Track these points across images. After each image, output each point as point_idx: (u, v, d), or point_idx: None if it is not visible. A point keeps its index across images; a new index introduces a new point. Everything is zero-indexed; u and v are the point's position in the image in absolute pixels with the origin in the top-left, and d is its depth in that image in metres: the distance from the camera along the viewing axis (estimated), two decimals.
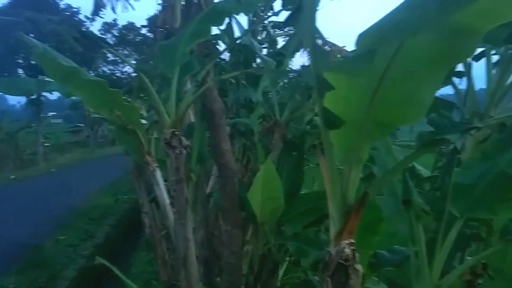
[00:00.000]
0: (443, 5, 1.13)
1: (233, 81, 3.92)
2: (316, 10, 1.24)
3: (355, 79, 1.30)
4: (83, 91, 2.95)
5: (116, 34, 33.49)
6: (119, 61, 35.82)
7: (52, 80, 3.31)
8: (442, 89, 2.70)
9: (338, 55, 4.02)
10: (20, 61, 26.79)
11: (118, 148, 32.47)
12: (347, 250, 1.57)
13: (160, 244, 5.26)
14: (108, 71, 35.47)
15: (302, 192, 3.62)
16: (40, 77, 21.85)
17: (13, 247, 8.15)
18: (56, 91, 3.32)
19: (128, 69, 36.58)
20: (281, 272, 4.37)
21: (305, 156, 3.92)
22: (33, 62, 24.76)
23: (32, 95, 17.63)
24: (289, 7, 2.46)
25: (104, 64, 35.21)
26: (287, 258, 4.28)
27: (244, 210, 3.43)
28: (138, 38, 33.08)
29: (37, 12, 23.55)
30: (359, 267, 1.59)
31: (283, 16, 3.57)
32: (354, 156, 1.54)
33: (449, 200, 2.17)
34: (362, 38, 1.19)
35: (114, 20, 31.96)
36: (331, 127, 1.44)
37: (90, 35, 3.54)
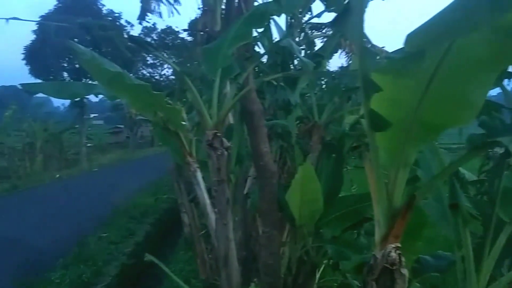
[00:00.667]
0: (496, 5, 1.09)
1: (275, 82, 3.92)
2: (364, 11, 1.22)
3: (404, 80, 1.28)
4: (127, 94, 3.04)
5: (155, 38, 34.26)
6: (158, 64, 36.67)
7: (98, 83, 3.42)
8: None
9: (378, 57, 3.96)
10: (65, 64, 27.82)
11: (156, 149, 33.27)
12: (393, 254, 1.54)
13: (200, 243, 5.33)
14: (148, 74, 36.39)
15: (340, 195, 3.60)
16: (84, 80, 22.72)
17: (59, 243, 8.49)
18: (102, 94, 3.42)
19: (166, 71, 37.42)
20: (317, 275, 4.34)
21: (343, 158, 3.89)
22: (77, 66, 25.76)
23: (80, 98, 18.31)
24: (332, 8, 2.44)
25: (143, 67, 36.11)
26: (325, 261, 4.24)
27: (282, 212, 3.44)
28: (176, 42, 33.70)
29: (82, 17, 24.44)
30: (405, 271, 1.57)
31: (324, 17, 3.56)
32: (401, 159, 1.51)
33: (498, 205, 2.10)
34: (411, 38, 1.16)
35: (154, 24, 32.69)
36: (377, 129, 1.42)
37: (138, 39, 3.65)
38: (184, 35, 31.27)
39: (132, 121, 36.33)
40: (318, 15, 2.35)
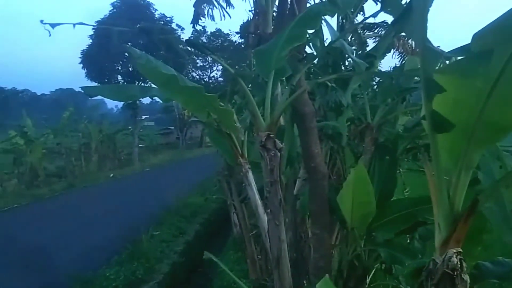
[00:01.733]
0: None
1: (330, 83, 3.90)
2: (428, 10, 1.20)
3: (469, 81, 1.24)
4: (181, 96, 3.12)
5: (205, 41, 34.93)
6: (207, 66, 37.40)
7: (153, 86, 3.54)
8: None
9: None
10: (119, 68, 28.92)
11: (205, 150, 33.85)
12: (454, 259, 1.50)
13: (250, 244, 5.38)
14: (197, 76, 37.19)
15: (394, 198, 3.52)
16: (137, 82, 23.47)
17: (113, 240, 8.84)
18: (156, 96, 3.53)
19: (215, 74, 38.09)
20: (368, 279, 4.26)
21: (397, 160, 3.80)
22: (130, 69, 26.73)
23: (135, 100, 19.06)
24: (389, 9, 2.40)
25: (193, 69, 36.91)
26: (376, 265, 4.15)
27: (333, 214, 3.40)
28: (224, 44, 34.21)
29: (136, 22, 25.33)
30: (466, 277, 1.51)
31: (376, 18, 3.49)
32: (464, 162, 1.46)
33: None
34: (478, 38, 1.13)
35: (203, 27, 33.33)
36: (439, 131, 1.39)
37: (195, 42, 3.75)
38: (233, 37, 31.72)
39: (182, 122, 37.28)
40: (374, 15, 2.31)
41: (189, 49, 25.24)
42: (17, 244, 9.03)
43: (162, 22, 29.64)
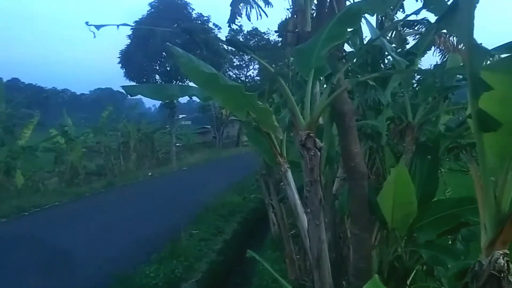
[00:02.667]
0: None
1: (371, 82, 3.86)
2: (475, 7, 1.18)
3: None
4: (221, 95, 3.17)
5: (241, 40, 35.14)
6: (244, 66, 37.62)
7: (192, 85, 3.61)
8: None
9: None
10: (157, 67, 29.51)
11: (241, 149, 34.03)
12: (501, 261, 1.46)
13: (289, 244, 5.39)
14: (234, 76, 37.47)
15: (435, 199, 3.45)
16: (174, 82, 23.87)
17: (152, 238, 9.04)
18: (195, 95, 3.59)
19: (251, 73, 38.26)
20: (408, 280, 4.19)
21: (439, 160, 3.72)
22: (168, 68, 27.25)
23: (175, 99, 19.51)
24: (431, 7, 2.35)
25: (230, 68, 37.21)
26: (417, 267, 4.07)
27: (373, 214, 3.37)
28: (261, 43, 34.28)
29: (173, 21, 25.79)
30: None
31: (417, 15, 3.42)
32: (511, 161, 1.42)
33: None
34: None
35: (240, 26, 33.53)
36: (486, 129, 1.36)
37: (236, 42, 3.80)
38: (269, 36, 31.73)
39: (219, 121, 37.68)
40: (416, 13, 2.26)
41: (226, 48, 25.46)
42: (59, 240, 9.35)
43: (199, 22, 30.04)
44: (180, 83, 21.79)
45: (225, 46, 28.75)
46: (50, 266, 7.84)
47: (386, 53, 4.23)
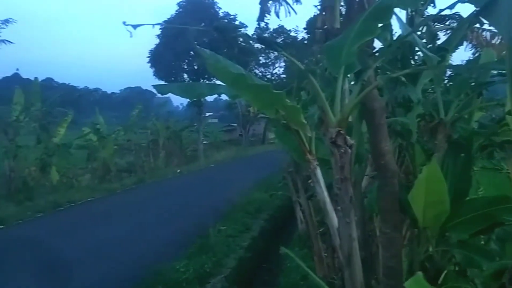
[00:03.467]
0: None
1: (402, 78, 3.80)
2: None
3: None
4: (249, 93, 3.19)
5: (267, 37, 35.06)
6: (269, 63, 37.58)
7: (220, 84, 3.65)
8: None
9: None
10: (185, 66, 29.86)
11: (267, 147, 34.09)
12: None
13: (317, 241, 5.37)
14: (260, 74, 37.49)
15: (468, 197, 3.37)
16: (202, 80, 24.05)
17: (181, 234, 9.18)
18: (224, 94, 3.62)
19: (277, 70, 38.20)
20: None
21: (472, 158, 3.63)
22: (195, 67, 27.55)
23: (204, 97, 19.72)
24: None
25: (256, 66, 37.26)
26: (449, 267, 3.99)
27: (403, 213, 3.32)
28: (288, 41, 34.14)
29: (200, 20, 26.00)
30: None
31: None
32: None
33: None
34: None
35: (266, 24, 33.49)
36: None
37: (266, 39, 3.82)
38: (296, 34, 31.62)
39: (245, 119, 37.81)
40: (450, 7, 2.20)
41: (253, 46, 25.41)
42: (93, 234, 9.63)
43: (226, 20, 30.20)
44: (207, 82, 21.97)
45: (254, 44, 28.82)
46: (84, 254, 8.15)
47: (416, 49, 4.16)
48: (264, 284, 7.58)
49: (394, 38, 4.09)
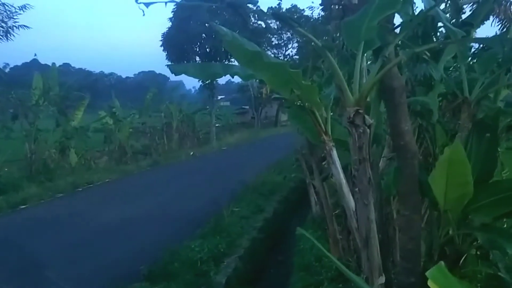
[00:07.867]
0: None
1: (424, 55, 3.63)
2: None
3: None
4: (265, 72, 3.09)
5: (283, 13, 34.59)
6: (282, 44, 37.15)
7: (234, 64, 3.53)
8: None
9: None
10: (197, 49, 29.62)
11: (280, 129, 33.89)
12: None
13: (332, 223, 5.30)
14: (272, 55, 37.09)
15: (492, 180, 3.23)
16: (214, 62, 23.83)
17: (197, 214, 9.22)
18: (238, 74, 3.52)
19: (290, 52, 37.78)
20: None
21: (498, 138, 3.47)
22: (207, 49, 27.33)
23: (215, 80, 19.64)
24: None
25: (268, 48, 36.84)
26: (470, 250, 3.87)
27: (423, 195, 3.20)
28: (301, 20, 33.61)
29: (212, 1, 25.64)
30: None
31: None
32: None
33: None
34: None
35: (278, 4, 32.95)
36: None
37: (282, 16, 3.69)
38: (312, 11, 31.06)
39: (257, 102, 37.61)
40: None
41: (268, 24, 25.09)
42: (111, 213, 9.76)
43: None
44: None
45: (263, 25, 28.31)
46: (106, 234, 8.34)
47: (439, 24, 3.97)
48: (278, 264, 7.57)
49: (416, 13, 3.91)
